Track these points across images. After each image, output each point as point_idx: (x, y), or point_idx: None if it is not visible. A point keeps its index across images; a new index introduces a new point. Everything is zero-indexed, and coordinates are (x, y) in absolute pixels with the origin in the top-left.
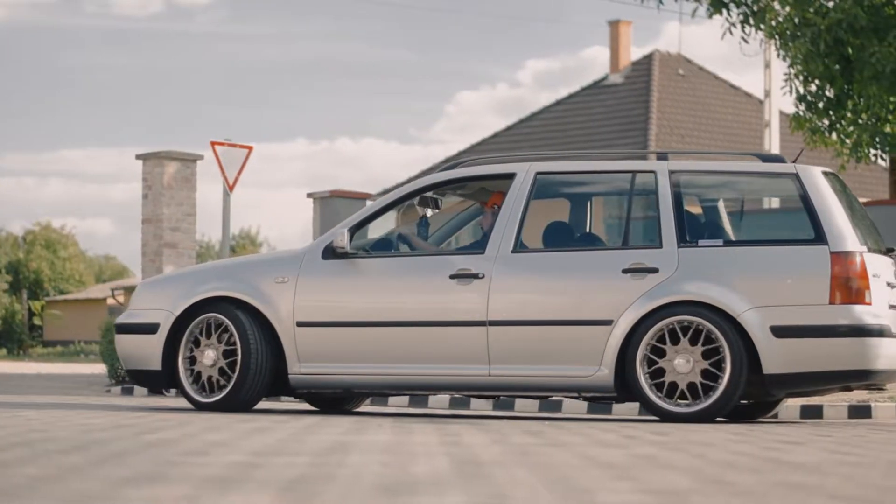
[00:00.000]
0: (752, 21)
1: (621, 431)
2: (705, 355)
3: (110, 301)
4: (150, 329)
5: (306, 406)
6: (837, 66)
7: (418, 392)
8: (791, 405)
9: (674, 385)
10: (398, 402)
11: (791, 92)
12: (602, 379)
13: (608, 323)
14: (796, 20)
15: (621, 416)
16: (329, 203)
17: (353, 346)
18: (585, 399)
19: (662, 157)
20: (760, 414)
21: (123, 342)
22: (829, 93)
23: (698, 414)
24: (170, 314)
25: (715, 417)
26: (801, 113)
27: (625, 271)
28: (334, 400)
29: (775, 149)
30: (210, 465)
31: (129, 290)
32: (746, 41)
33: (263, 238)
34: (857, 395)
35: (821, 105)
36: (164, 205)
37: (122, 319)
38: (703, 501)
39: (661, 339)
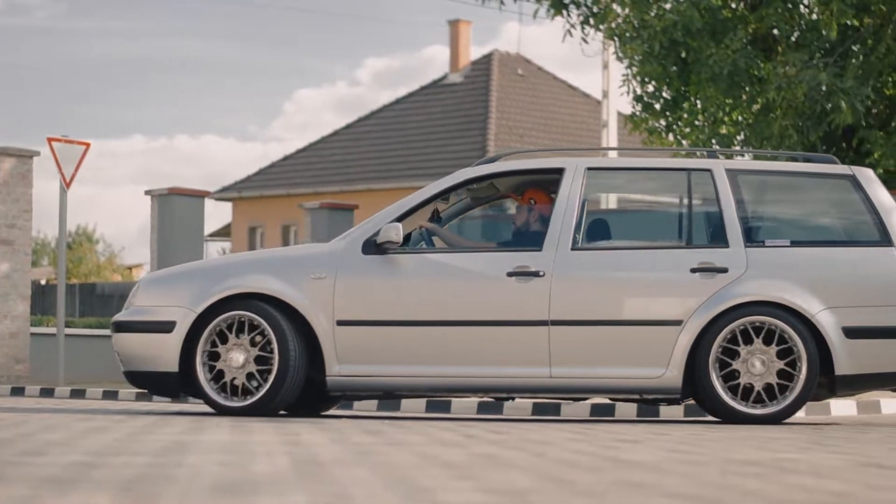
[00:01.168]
0: (591, 22)
1: (460, 430)
2: (778, 356)
3: None
4: (165, 327)
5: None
6: (675, 68)
7: (472, 394)
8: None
9: (746, 387)
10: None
11: (628, 93)
12: (670, 381)
13: (677, 323)
14: (635, 22)
15: (460, 416)
16: (167, 201)
17: (401, 347)
18: (646, 402)
19: (712, 155)
20: None
21: (127, 342)
22: (666, 94)
23: (773, 416)
24: (189, 311)
25: (787, 419)
26: (637, 114)
27: (693, 270)
28: (302, 403)
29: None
30: (48, 465)
31: None
32: (586, 42)
33: (100, 235)
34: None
35: (658, 106)
36: (0, 201)
37: (123, 317)
38: (543, 500)
39: (732, 341)
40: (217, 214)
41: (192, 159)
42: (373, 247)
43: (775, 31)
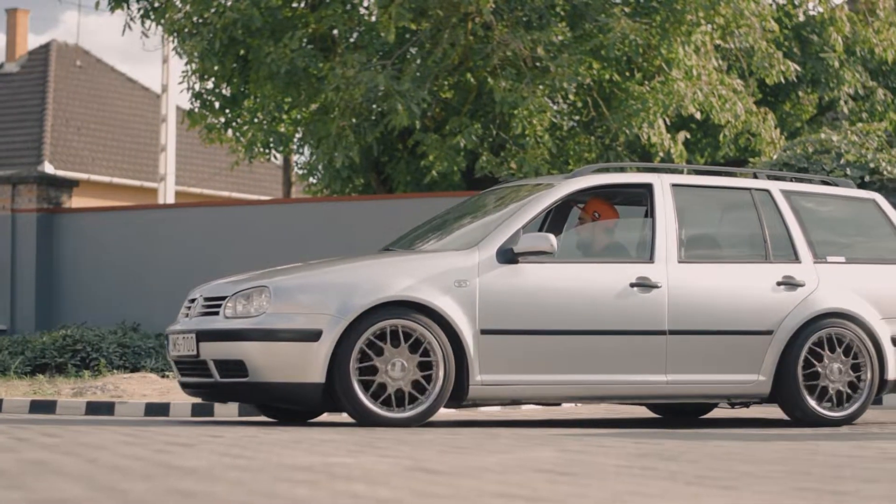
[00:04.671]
0: (152, 17)
1: (12, 433)
2: (846, 363)
3: None
4: (309, 336)
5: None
6: (235, 66)
7: (596, 401)
8: None
9: (828, 391)
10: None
11: (188, 89)
12: (761, 386)
13: (769, 333)
14: (195, 19)
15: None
16: None
17: (535, 355)
18: (733, 406)
19: (759, 175)
20: (702, 412)
21: (259, 350)
22: (226, 91)
23: (848, 417)
24: (338, 318)
25: (858, 419)
26: (196, 110)
27: (779, 284)
28: (291, 410)
29: (171, 144)
30: None
31: None
32: (147, 36)
33: None
34: None
35: (217, 103)
36: None
37: (251, 325)
38: None
39: (813, 349)
40: None
41: None
42: (509, 255)
43: (335, 32)
